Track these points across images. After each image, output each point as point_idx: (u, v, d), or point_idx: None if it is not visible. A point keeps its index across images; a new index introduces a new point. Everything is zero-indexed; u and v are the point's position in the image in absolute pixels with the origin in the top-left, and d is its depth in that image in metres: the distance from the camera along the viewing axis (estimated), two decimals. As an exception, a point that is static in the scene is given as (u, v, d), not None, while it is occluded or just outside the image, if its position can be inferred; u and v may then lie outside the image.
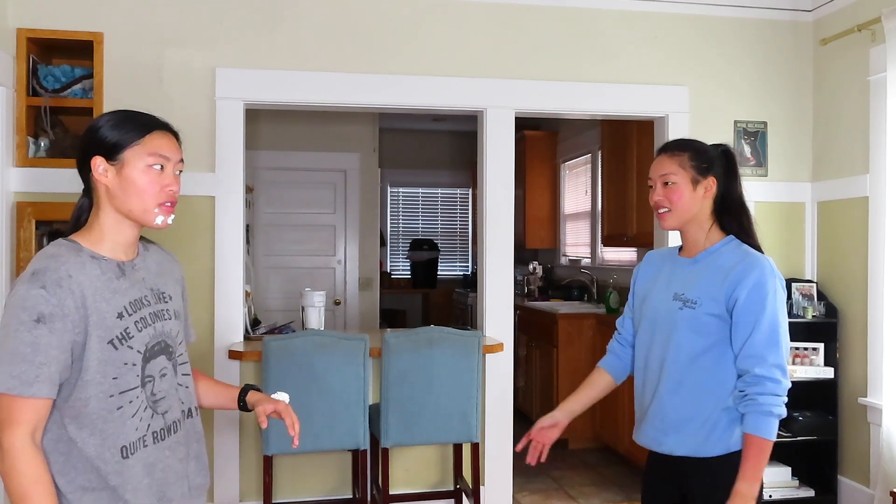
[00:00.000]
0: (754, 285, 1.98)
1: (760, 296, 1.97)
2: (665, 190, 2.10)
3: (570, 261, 6.97)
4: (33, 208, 3.50)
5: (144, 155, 1.64)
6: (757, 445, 1.96)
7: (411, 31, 4.04)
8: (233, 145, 3.82)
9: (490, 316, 4.12)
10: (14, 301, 1.54)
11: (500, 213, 4.14)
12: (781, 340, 1.98)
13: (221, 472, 3.80)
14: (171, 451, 1.70)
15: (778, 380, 1.96)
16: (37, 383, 1.51)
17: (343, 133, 6.34)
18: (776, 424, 1.98)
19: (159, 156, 1.65)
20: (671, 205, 2.09)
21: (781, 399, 1.97)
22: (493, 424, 4.06)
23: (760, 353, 1.96)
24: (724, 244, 2.10)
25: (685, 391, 2.05)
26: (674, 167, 2.09)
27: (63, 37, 3.63)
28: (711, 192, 2.10)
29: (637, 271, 2.35)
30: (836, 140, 4.26)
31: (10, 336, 1.52)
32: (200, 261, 3.79)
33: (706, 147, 2.15)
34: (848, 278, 4.14)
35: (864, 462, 3.98)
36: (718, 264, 2.06)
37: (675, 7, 4.29)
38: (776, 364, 1.97)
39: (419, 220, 8.75)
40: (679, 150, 2.12)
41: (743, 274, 1.99)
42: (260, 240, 6.23)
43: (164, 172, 1.67)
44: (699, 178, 2.09)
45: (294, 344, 3.32)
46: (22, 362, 1.50)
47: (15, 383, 1.50)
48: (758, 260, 2.03)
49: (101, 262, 1.64)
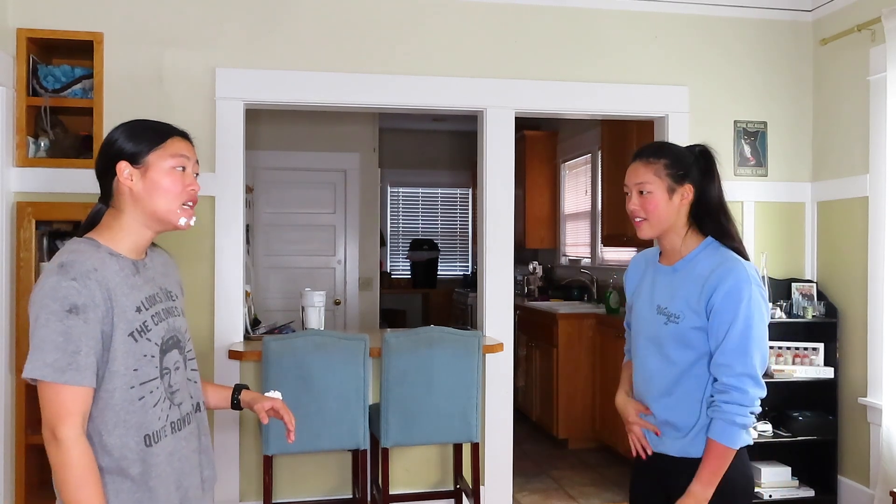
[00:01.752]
0: (727, 292, 1.95)
1: (733, 302, 1.94)
2: (641, 199, 2.06)
3: (570, 261, 6.97)
4: (33, 208, 3.50)
5: (167, 157, 1.72)
6: (717, 451, 1.95)
7: (411, 31, 4.04)
8: (233, 145, 3.82)
9: (490, 316, 4.12)
10: (45, 292, 1.58)
11: (500, 213, 4.14)
12: (752, 348, 1.94)
13: (221, 472, 3.79)
14: (186, 442, 1.77)
15: (744, 389, 1.93)
16: (69, 371, 1.55)
17: (343, 133, 6.34)
18: (740, 434, 1.95)
19: (181, 156, 1.74)
20: (647, 214, 2.06)
21: (747, 409, 1.94)
22: (493, 424, 4.06)
23: (728, 361, 1.94)
24: (702, 249, 2.06)
25: (676, 398, 2.05)
26: (649, 176, 2.05)
27: (63, 37, 3.63)
28: (688, 199, 2.06)
29: (626, 275, 2.33)
30: (836, 140, 4.26)
31: (43, 326, 1.56)
32: (200, 261, 3.79)
33: (682, 152, 2.10)
34: (848, 278, 4.14)
35: (864, 462, 3.98)
36: (696, 273, 2.03)
37: (675, 7, 4.29)
38: (745, 373, 1.93)
39: (419, 220, 8.75)
40: (654, 158, 2.07)
41: (717, 281, 1.96)
42: (260, 240, 6.23)
43: (186, 173, 1.76)
44: (675, 186, 2.05)
45: (294, 344, 3.32)
46: (55, 350, 1.55)
47: (48, 371, 1.54)
48: (733, 266, 1.98)
49: (118, 259, 1.70)
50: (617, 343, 4.88)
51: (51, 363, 1.55)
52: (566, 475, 4.81)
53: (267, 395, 2.00)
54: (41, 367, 1.55)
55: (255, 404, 1.95)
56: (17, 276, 3.46)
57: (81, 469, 1.57)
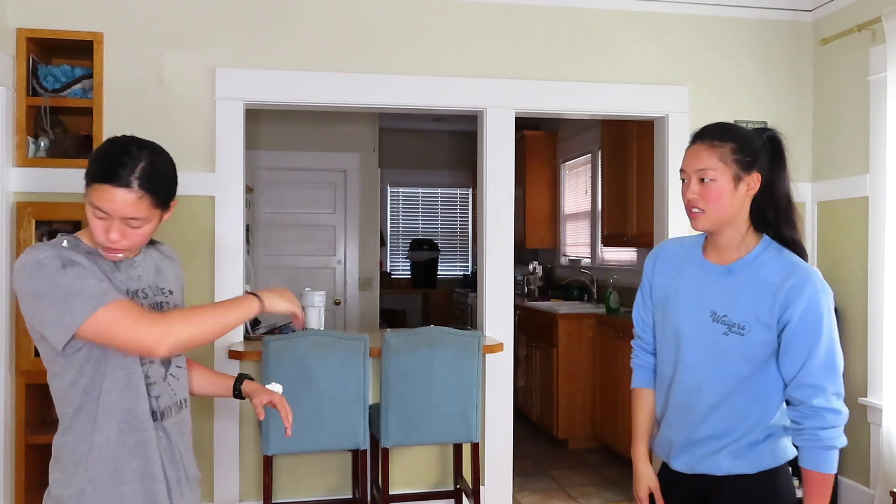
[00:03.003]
0: (808, 306, 1.77)
1: (815, 318, 1.77)
2: (702, 188, 1.81)
3: (570, 261, 6.97)
4: (33, 208, 3.50)
5: (90, 199, 1.63)
6: (820, 481, 1.79)
7: (411, 31, 4.04)
8: (233, 145, 3.82)
9: (490, 316, 4.12)
10: (28, 269, 1.57)
11: (500, 213, 4.14)
12: (838, 366, 1.79)
13: (221, 471, 3.80)
14: (163, 433, 1.76)
15: (838, 410, 1.78)
16: (111, 292, 1.57)
17: (343, 133, 6.35)
18: (837, 456, 1.80)
19: (98, 209, 1.62)
20: (707, 205, 1.82)
21: (841, 430, 1.80)
22: (493, 424, 4.06)
23: (818, 382, 1.77)
24: (764, 250, 1.86)
25: (723, 411, 1.88)
26: (713, 161, 1.80)
27: (63, 37, 3.63)
28: (754, 190, 1.84)
29: (653, 266, 2.05)
30: (836, 140, 4.26)
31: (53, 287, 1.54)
32: (200, 261, 3.79)
33: (751, 136, 1.86)
34: (848, 278, 4.14)
35: (864, 462, 3.98)
36: (762, 278, 1.82)
37: (675, 7, 4.29)
38: (836, 392, 1.78)
39: (419, 220, 8.76)
40: (720, 140, 1.82)
41: (795, 293, 1.77)
42: (260, 240, 6.23)
43: (110, 224, 1.63)
44: (742, 174, 1.81)
45: (294, 344, 3.33)
46: (83, 288, 1.55)
47: (94, 302, 1.54)
48: (808, 275, 1.80)
49: (96, 258, 1.69)
50: (617, 343, 4.88)
51: (88, 297, 1.53)
52: (566, 475, 4.81)
53: (268, 387, 1.99)
54: (85, 308, 1.52)
55: (255, 398, 1.93)
56: (17, 276, 3.46)
57: (188, 311, 1.63)
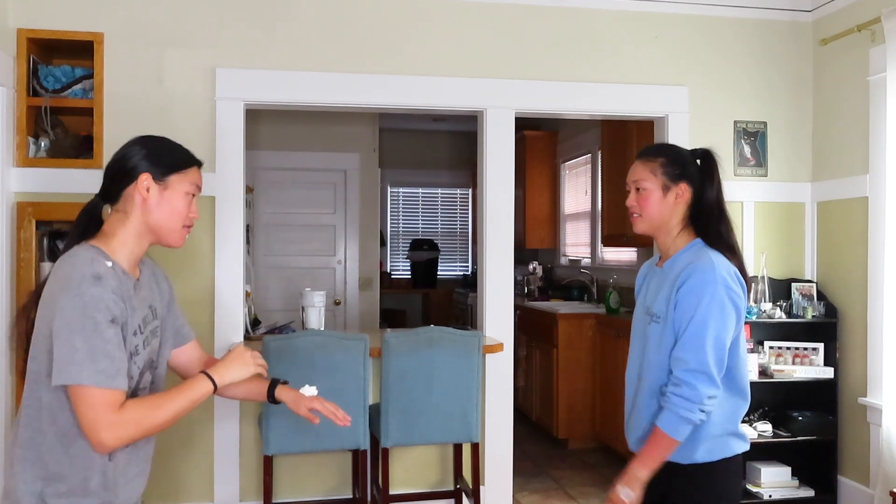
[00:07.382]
0: (689, 289, 1.99)
1: (693, 300, 1.98)
2: (637, 195, 2.15)
3: (570, 261, 6.97)
4: (33, 208, 3.50)
5: (187, 183, 1.86)
6: (660, 438, 1.97)
7: (411, 32, 4.04)
8: (233, 145, 3.82)
9: (490, 316, 4.12)
10: (86, 302, 1.65)
11: (500, 213, 4.14)
12: (708, 346, 1.95)
13: (221, 471, 3.80)
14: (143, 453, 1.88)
15: (694, 385, 1.94)
16: (118, 377, 1.67)
17: (343, 133, 6.34)
18: (685, 427, 1.96)
19: (197, 187, 1.89)
20: (641, 210, 2.14)
21: (696, 405, 1.94)
22: (493, 424, 4.06)
23: (684, 356, 1.97)
24: (686, 249, 2.11)
25: (650, 397, 2.08)
26: (646, 173, 2.13)
27: (63, 37, 3.63)
28: (684, 199, 2.12)
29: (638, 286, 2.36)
30: (835, 140, 4.26)
31: (91, 335, 1.64)
32: (200, 261, 3.79)
33: (681, 152, 2.17)
34: (848, 278, 4.14)
35: (864, 462, 3.98)
36: (674, 272, 2.07)
37: (675, 7, 4.29)
38: (699, 369, 1.95)
39: (419, 220, 8.75)
40: (652, 157, 2.15)
41: (683, 279, 2.01)
42: (260, 240, 6.23)
43: (194, 201, 1.90)
44: (670, 184, 2.11)
45: (294, 344, 3.32)
46: (104, 358, 1.65)
47: (101, 378, 1.64)
48: (702, 265, 2.01)
49: (127, 278, 1.77)
50: (617, 343, 4.88)
51: (102, 370, 1.64)
52: (566, 475, 4.81)
53: (302, 391, 2.07)
54: (94, 374, 1.63)
55: (300, 409, 2.05)
56: (17, 275, 3.46)
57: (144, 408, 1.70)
